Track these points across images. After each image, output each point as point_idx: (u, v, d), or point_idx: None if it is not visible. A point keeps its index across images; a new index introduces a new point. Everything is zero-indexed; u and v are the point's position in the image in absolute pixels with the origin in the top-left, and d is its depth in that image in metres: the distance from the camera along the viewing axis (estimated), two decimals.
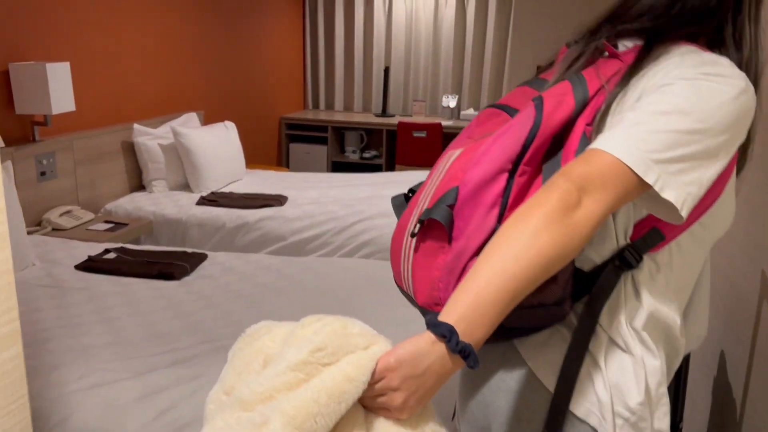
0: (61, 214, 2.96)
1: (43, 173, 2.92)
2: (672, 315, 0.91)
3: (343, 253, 2.99)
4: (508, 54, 5.74)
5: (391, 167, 5.89)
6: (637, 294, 0.89)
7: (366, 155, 5.80)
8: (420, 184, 1.02)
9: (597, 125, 0.85)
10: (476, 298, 0.72)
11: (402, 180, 3.84)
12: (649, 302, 0.89)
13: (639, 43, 0.90)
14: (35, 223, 2.92)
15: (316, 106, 6.34)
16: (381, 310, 1.96)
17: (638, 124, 0.77)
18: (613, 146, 0.76)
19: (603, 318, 0.89)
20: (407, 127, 5.38)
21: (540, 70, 1.05)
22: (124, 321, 1.89)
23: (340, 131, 5.92)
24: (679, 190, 0.76)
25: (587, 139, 0.84)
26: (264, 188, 3.71)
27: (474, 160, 0.87)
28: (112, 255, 2.47)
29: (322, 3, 6.03)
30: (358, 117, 5.83)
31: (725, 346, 1.51)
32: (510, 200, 0.84)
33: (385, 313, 1.94)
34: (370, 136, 6.08)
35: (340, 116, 5.85)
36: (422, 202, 0.92)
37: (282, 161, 5.83)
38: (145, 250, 2.53)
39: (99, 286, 2.16)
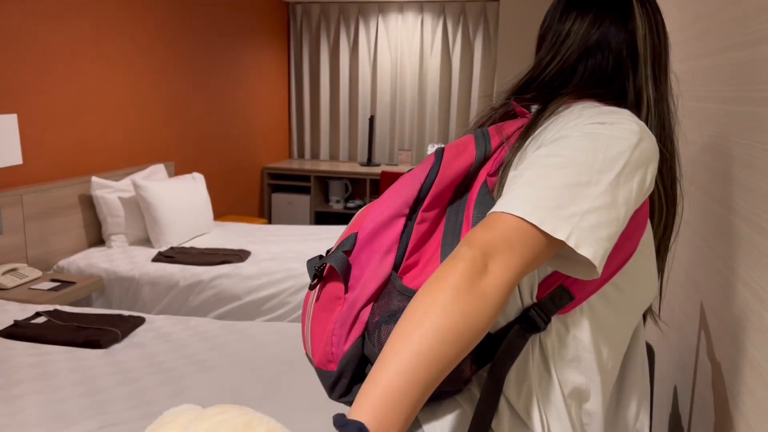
0: (5, 272, 2.81)
1: None
2: (590, 393, 0.80)
3: (298, 315, 2.81)
4: (493, 103, 5.64)
5: None
6: (545, 361, 0.81)
7: (350, 205, 5.67)
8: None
9: (500, 178, 0.84)
10: (386, 391, 0.61)
11: None
12: (560, 372, 0.81)
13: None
14: None
15: (301, 155, 6.25)
16: (312, 391, 1.77)
17: (537, 180, 0.73)
18: (515, 206, 0.71)
19: (509, 389, 0.81)
20: (391, 177, 5.26)
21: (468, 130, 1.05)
22: (26, 400, 1.70)
23: (324, 181, 5.81)
24: (595, 246, 0.71)
25: (488, 189, 0.83)
26: (229, 242, 3.56)
27: (373, 207, 0.86)
28: (42, 319, 2.30)
29: (308, 52, 6.00)
30: (344, 166, 5.72)
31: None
32: (409, 247, 0.82)
33: (316, 394, 1.75)
34: (355, 185, 5.96)
35: (325, 165, 5.75)
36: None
37: (264, 212, 5.70)
38: (79, 314, 2.36)
39: (15, 356, 1.99)
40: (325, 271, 0.86)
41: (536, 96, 0.95)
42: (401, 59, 5.86)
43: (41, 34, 3.12)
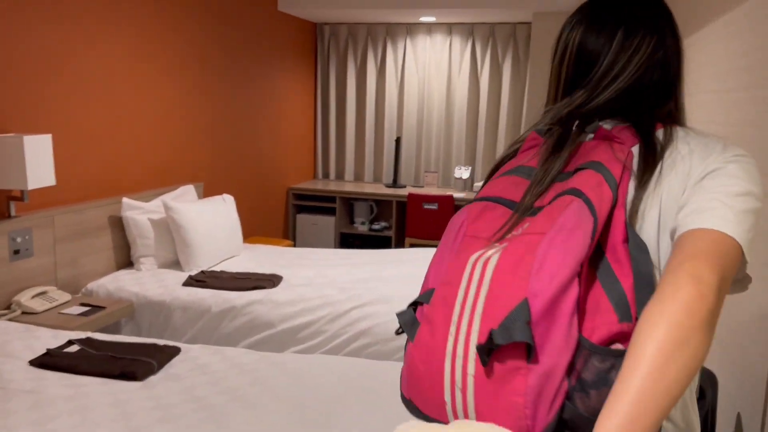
0: (34, 296, 2.74)
1: (17, 251, 2.72)
2: None
3: (336, 344, 2.71)
4: (523, 124, 5.56)
5: (401, 239, 5.65)
6: None
7: (375, 227, 5.58)
8: (428, 295, 0.90)
9: (633, 209, 0.87)
10: (637, 423, 0.66)
11: (407, 259, 3.58)
12: None
13: (617, 124, 0.94)
14: (4, 306, 2.69)
15: (326, 176, 6.19)
16: (366, 430, 1.67)
17: (729, 206, 0.80)
18: (735, 232, 0.78)
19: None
20: (417, 199, 5.17)
21: (508, 156, 1.04)
22: None
23: (349, 202, 5.73)
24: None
25: (633, 228, 0.83)
26: (259, 266, 3.47)
27: (534, 267, 0.78)
28: (74, 348, 2.21)
29: (335, 73, 5.96)
30: (369, 188, 5.65)
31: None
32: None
33: None
34: (380, 207, 5.88)
35: (350, 186, 5.67)
36: (461, 318, 0.81)
37: (288, 233, 5.63)
38: (113, 342, 2.28)
39: (49, 388, 1.90)
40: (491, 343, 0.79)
41: (604, 112, 0.96)
42: (428, 81, 5.80)
43: (76, 56, 3.09)
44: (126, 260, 3.41)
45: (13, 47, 2.73)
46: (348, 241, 5.77)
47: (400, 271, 3.27)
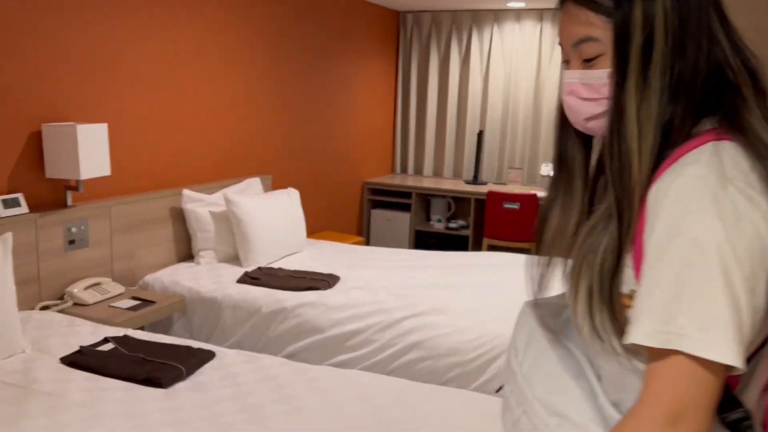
0: (87, 287, 2.71)
1: (72, 241, 2.70)
2: None
3: (385, 356, 2.50)
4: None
5: (479, 240, 5.35)
6: None
7: (452, 225, 5.31)
8: None
9: None
10: None
11: (480, 264, 3.30)
12: None
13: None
14: (58, 296, 2.68)
15: (404, 170, 5.98)
16: None
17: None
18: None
19: None
20: (497, 198, 4.86)
21: None
22: None
23: (426, 198, 5.50)
24: None
25: None
26: (320, 264, 3.32)
27: None
28: (108, 346, 2.13)
29: (416, 63, 5.73)
30: (448, 183, 5.39)
31: None
32: None
33: None
34: (458, 204, 5.60)
35: (428, 182, 5.43)
36: None
37: (362, 228, 5.47)
38: (148, 342, 2.18)
39: (69, 392, 1.81)
40: None
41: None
42: (516, 71, 5.44)
43: (137, 44, 3.04)
44: (187, 253, 3.36)
45: (71, 36, 2.71)
46: (423, 239, 5.54)
47: (468, 279, 3.01)
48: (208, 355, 2.09)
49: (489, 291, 2.78)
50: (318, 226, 4.76)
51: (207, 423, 1.66)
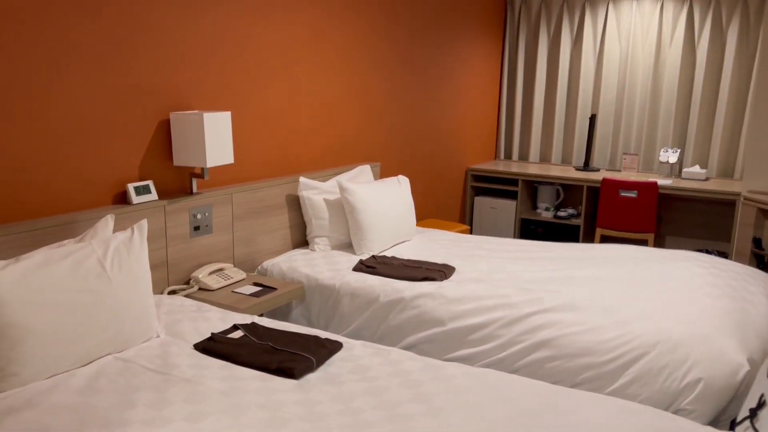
0: (211, 273, 2.77)
1: (197, 228, 2.76)
2: None
3: (511, 352, 2.39)
4: (749, 102, 4.69)
5: (590, 231, 5.10)
6: None
7: (561, 214, 5.09)
8: None
9: None
10: None
11: (602, 256, 3.12)
12: None
13: None
14: (184, 281, 2.75)
15: (508, 156, 5.79)
16: None
17: None
18: None
19: None
20: (613, 185, 4.60)
21: None
22: None
23: (533, 185, 5.30)
24: None
25: None
26: (432, 253, 3.24)
27: None
28: (238, 333, 2.15)
29: (524, 44, 5.51)
30: (556, 170, 5.16)
31: None
32: None
33: None
34: (567, 192, 5.36)
35: (534, 168, 5.23)
36: None
37: (465, 215, 5.35)
38: (275, 331, 2.18)
39: (207, 379, 1.83)
40: None
41: None
42: (633, 51, 5.11)
43: (255, 34, 3.05)
44: (302, 239, 3.38)
45: (196, 27, 2.74)
46: (529, 228, 5.35)
47: (593, 272, 2.84)
48: (336, 346, 2.06)
49: (620, 286, 2.60)
50: (422, 213, 4.69)
51: (345, 419, 1.62)
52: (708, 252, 4.79)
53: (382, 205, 3.30)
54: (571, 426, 1.55)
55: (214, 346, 2.03)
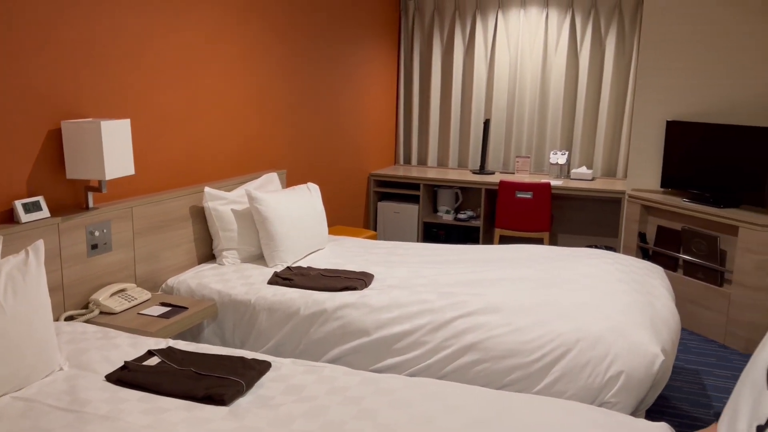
0: (113, 294, 2.54)
1: (94, 246, 2.52)
2: None
3: (439, 358, 2.38)
4: (627, 105, 5.03)
5: (489, 231, 5.26)
6: None
7: (461, 216, 5.20)
8: None
9: None
10: None
11: (512, 257, 3.20)
12: None
13: None
14: (82, 305, 2.50)
15: (407, 161, 5.85)
16: None
17: None
18: None
19: None
20: (510, 187, 4.76)
21: None
22: None
23: (433, 189, 5.38)
24: None
25: None
26: (347, 261, 3.18)
27: None
28: (154, 360, 1.98)
29: (419, 51, 5.59)
30: (453, 174, 5.28)
31: None
32: None
33: None
34: (465, 194, 5.50)
35: (433, 173, 5.32)
36: None
37: (369, 221, 5.34)
38: (196, 354, 2.03)
39: (126, 414, 1.66)
40: None
41: None
42: (522, 58, 5.34)
43: (155, 39, 2.85)
44: (208, 253, 3.20)
45: (92, 31, 2.51)
46: (432, 230, 5.43)
47: (509, 273, 2.90)
48: (265, 366, 1.95)
49: (537, 286, 2.67)
50: (330, 220, 4.62)
51: None
52: (597, 247, 5.09)
53: (294, 214, 3.19)
54: (529, 431, 1.55)
55: (129, 376, 1.85)
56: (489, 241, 5.25)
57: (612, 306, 2.42)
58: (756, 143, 3.78)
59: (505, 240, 5.28)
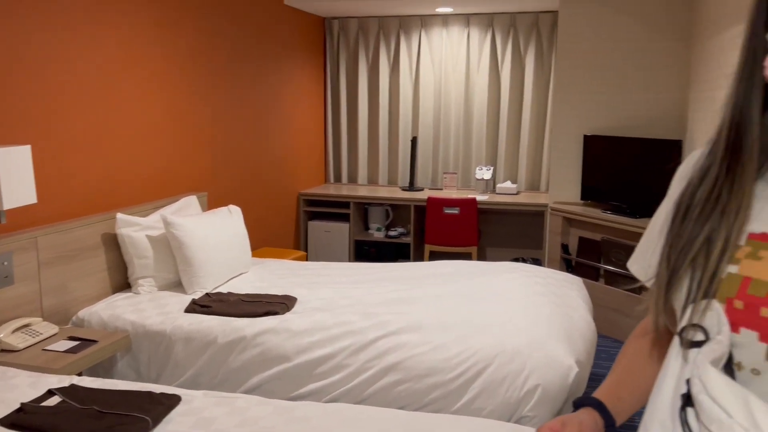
0: (15, 330, 2.40)
1: None
2: None
3: (361, 380, 2.35)
4: (547, 120, 5.19)
5: (420, 247, 5.29)
6: None
7: (392, 233, 5.21)
8: None
9: None
10: None
11: (437, 273, 3.21)
12: None
13: None
14: None
15: (338, 179, 5.83)
16: None
17: None
18: None
19: None
20: (438, 203, 4.81)
21: None
22: None
23: (363, 207, 5.37)
24: None
25: None
26: (271, 284, 3.12)
27: None
28: (54, 400, 1.87)
29: (345, 70, 5.60)
30: (383, 191, 5.29)
31: None
32: None
33: None
34: (396, 212, 5.52)
35: (363, 190, 5.32)
36: None
37: (300, 241, 5.27)
38: (100, 391, 1.93)
39: None
40: None
41: None
42: (446, 76, 5.43)
43: (60, 60, 2.74)
44: (123, 282, 3.07)
45: None
46: (363, 248, 5.42)
47: (432, 290, 2.90)
48: (174, 400, 1.87)
49: (458, 302, 2.69)
50: (256, 242, 4.53)
51: None
52: (524, 260, 5.20)
53: (214, 238, 3.11)
54: None
55: (25, 420, 1.74)
56: (419, 257, 5.28)
57: (530, 319, 2.45)
58: (665, 155, 3.95)
59: (435, 255, 5.32)
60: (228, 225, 3.28)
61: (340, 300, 2.82)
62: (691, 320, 0.82)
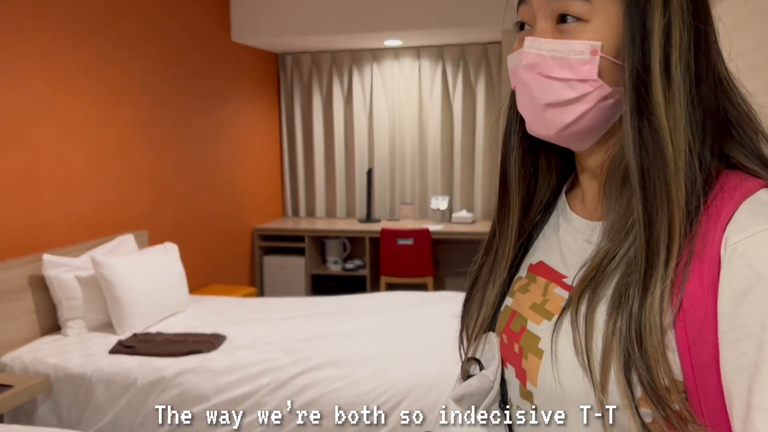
0: None
1: None
2: None
3: (279, 418, 2.31)
4: (500, 148, 5.22)
5: (376, 279, 5.27)
6: None
7: (349, 266, 5.20)
8: None
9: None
10: None
11: (376, 305, 3.20)
12: None
13: None
14: None
15: (296, 213, 5.82)
16: None
17: None
18: None
19: None
20: (391, 234, 4.81)
21: None
22: None
23: (320, 240, 5.36)
24: None
25: None
26: (206, 322, 3.09)
27: None
28: None
29: (299, 104, 5.64)
30: (341, 224, 5.28)
31: None
32: None
33: None
34: (353, 244, 5.50)
35: (322, 223, 5.31)
36: None
37: (255, 277, 5.24)
38: None
39: None
40: None
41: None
42: (399, 107, 5.48)
43: None
44: (53, 325, 3.02)
45: None
46: (320, 282, 5.38)
47: (362, 324, 2.89)
48: None
49: (383, 335, 2.67)
50: (205, 280, 4.49)
51: None
52: None
53: (146, 277, 3.08)
54: None
55: None
56: (376, 288, 5.25)
57: (449, 349, 2.43)
58: None
59: (391, 287, 5.30)
60: (163, 263, 3.25)
61: (269, 337, 2.80)
62: (472, 353, 0.82)
